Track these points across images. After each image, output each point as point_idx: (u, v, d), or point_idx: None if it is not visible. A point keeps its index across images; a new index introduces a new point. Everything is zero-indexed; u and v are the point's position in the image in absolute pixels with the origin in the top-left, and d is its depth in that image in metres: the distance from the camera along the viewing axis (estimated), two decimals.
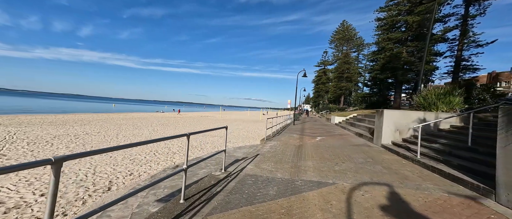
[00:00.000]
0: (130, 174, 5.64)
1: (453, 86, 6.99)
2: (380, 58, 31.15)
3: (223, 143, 11.03)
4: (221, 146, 10.23)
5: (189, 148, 8.65)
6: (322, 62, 63.88)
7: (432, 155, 4.65)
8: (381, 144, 6.89)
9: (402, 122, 6.67)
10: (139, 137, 11.77)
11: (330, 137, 9.81)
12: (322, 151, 6.37)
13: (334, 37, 51.81)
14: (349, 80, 50.14)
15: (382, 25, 31.80)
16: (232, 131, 16.88)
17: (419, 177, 3.90)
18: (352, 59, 50.95)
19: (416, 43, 28.02)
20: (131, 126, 16.44)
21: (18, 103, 46.26)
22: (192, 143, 10.44)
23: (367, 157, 5.54)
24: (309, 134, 10.96)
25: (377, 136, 7.35)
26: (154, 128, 16.05)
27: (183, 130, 16.07)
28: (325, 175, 3.98)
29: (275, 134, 10.50)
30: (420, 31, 28.58)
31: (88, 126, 15.31)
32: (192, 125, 20.02)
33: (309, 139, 9.05)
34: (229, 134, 14.95)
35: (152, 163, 6.75)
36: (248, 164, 4.76)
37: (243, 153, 6.78)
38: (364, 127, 11.08)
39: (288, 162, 4.96)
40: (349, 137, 9.87)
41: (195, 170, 4.80)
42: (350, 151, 6.34)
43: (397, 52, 29.35)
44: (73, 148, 8.29)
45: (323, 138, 9.31)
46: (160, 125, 18.32)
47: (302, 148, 6.77)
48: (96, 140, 9.96)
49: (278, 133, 10.79)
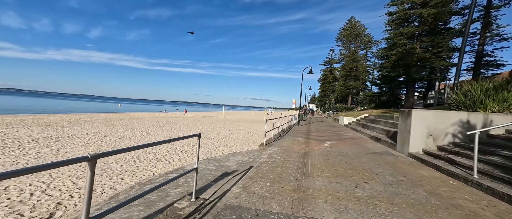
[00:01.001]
0: None
1: (507, 80, 5.48)
2: (392, 55, 29.23)
3: (222, 145, 9.82)
4: (214, 151, 9.01)
5: (174, 154, 7.41)
6: (329, 61, 61.94)
7: (497, 174, 3.25)
8: (409, 153, 5.48)
9: (437, 125, 5.23)
10: (127, 139, 10.70)
11: (341, 141, 8.41)
12: (334, 161, 5.02)
13: (342, 34, 49.88)
14: (357, 79, 48.11)
15: (394, 20, 29.85)
16: (232, 132, 15.65)
17: (496, 217, 2.52)
18: (360, 57, 48.90)
19: (431, 38, 26.01)
20: (125, 127, 15.47)
21: (26, 104, 46.73)
22: (184, 148, 9.26)
23: (396, 172, 4.17)
24: (316, 137, 9.59)
25: (402, 141, 5.94)
26: (148, 129, 15.02)
27: (179, 131, 14.97)
28: (344, 207, 2.66)
29: (277, 137, 9.19)
30: (435, 25, 26.57)
31: (79, 126, 14.43)
32: (191, 126, 18.93)
33: (316, 144, 7.69)
34: (228, 136, 13.73)
35: (126, 174, 5.58)
36: (235, 183, 3.49)
37: (236, 162, 5.52)
38: (380, 130, 9.61)
39: (290, 180, 3.66)
40: (364, 141, 8.43)
41: (166, 189, 3.57)
42: (371, 162, 4.97)
43: (410, 48, 27.41)
44: (44, 153, 7.25)
45: (332, 143, 7.93)
46: (157, 126, 17.30)
47: (308, 157, 5.44)
48: (76, 144, 8.93)
49: (280, 136, 9.48)
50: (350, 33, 47.10)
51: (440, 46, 25.53)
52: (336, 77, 59.46)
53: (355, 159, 5.34)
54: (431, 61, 25.57)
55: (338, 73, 57.72)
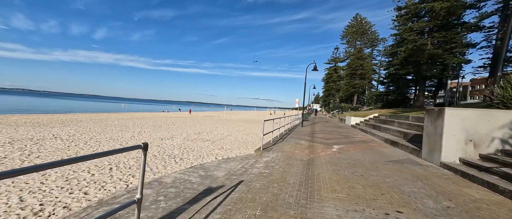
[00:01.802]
0: (39, 210, 3.52)
1: None
2: (401, 52, 27.74)
3: (217, 149, 8.83)
4: (207, 155, 8.02)
5: (160, 159, 6.22)
6: (333, 59, 60.43)
7: None
8: (441, 162, 4.37)
9: (480, 127, 4.11)
10: (114, 141, 9.82)
11: (351, 145, 7.31)
12: (347, 174, 3.96)
13: (347, 31, 48.38)
14: (362, 77, 46.56)
15: (403, 15, 28.36)
16: (231, 133, 14.67)
17: None
18: (366, 55, 47.32)
19: (443, 33, 24.49)
20: (118, 128, 14.66)
21: (31, 104, 46.87)
22: (173, 151, 8.31)
23: (435, 192, 3.08)
24: (322, 140, 8.50)
25: (429, 147, 4.83)
26: (142, 130, 14.16)
27: (174, 132, 14.07)
28: None
29: (277, 140, 8.14)
30: (448, 20, 25.06)
31: (71, 127, 13.67)
32: (188, 126, 18.03)
33: (323, 148, 6.61)
34: (225, 137, 12.76)
35: (93, 186, 4.64)
36: (213, 210, 2.48)
37: (227, 171, 4.52)
38: (394, 132, 8.46)
39: (289, 205, 2.63)
40: (378, 145, 7.31)
41: None
42: (395, 176, 3.89)
43: (420, 44, 25.93)
44: (10, 159, 6.39)
45: (342, 147, 6.84)
46: (152, 126, 16.46)
47: (314, 167, 4.40)
48: (55, 147, 8.07)
49: (281, 139, 8.43)
50: (355, 30, 45.58)
51: (454, 41, 24.01)
52: (341, 76, 57.94)
53: (373, 170, 4.27)
54: (443, 58, 24.06)
55: (343, 72, 56.18)
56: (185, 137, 12.00)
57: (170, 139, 11.14)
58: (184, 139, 11.42)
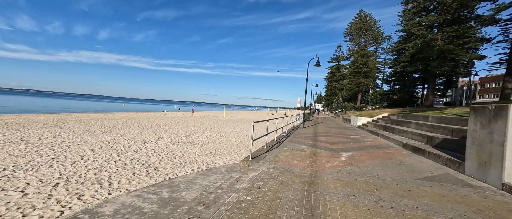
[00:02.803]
0: None
1: None
2: (408, 48, 26.15)
3: (204, 155, 7.52)
4: (189, 164, 6.72)
5: (129, 170, 4.26)
6: (336, 58, 58.86)
7: None
8: (505, 183, 3.01)
9: None
10: (87, 145, 8.58)
11: (364, 152, 5.95)
12: (369, 205, 2.63)
13: (351, 28, 46.76)
14: (366, 76, 44.91)
15: (411, 9, 26.76)
16: (225, 135, 13.39)
17: None
18: (370, 53, 45.67)
19: (455, 28, 22.89)
20: (103, 129, 13.47)
21: (28, 104, 46.27)
22: (151, 159, 7.05)
23: None
24: (327, 144, 7.15)
25: (481, 160, 3.46)
26: (128, 132, 12.92)
27: (162, 134, 12.83)
28: None
29: (274, 144, 6.82)
30: (460, 13, 23.46)
31: (50, 128, 12.51)
32: (181, 127, 16.79)
33: (328, 157, 5.27)
34: (218, 140, 11.48)
35: (9, 214, 3.37)
36: None
37: (201, 191, 3.23)
38: (414, 135, 7.08)
39: None
40: (397, 153, 5.95)
41: None
42: (445, 209, 2.55)
43: (430, 39, 24.35)
44: None
45: (352, 155, 5.49)
46: (142, 128, 15.25)
47: (318, 190, 3.07)
48: (10, 152, 6.86)
49: (278, 143, 7.10)
50: (360, 26, 43.95)
51: (467, 36, 22.40)
52: (344, 75, 56.31)
53: (405, 195, 2.92)
54: (455, 53, 22.45)
55: (346, 71, 54.53)
56: (172, 140, 10.74)
57: (154, 142, 9.89)
58: (170, 142, 10.16)
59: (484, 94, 45.39)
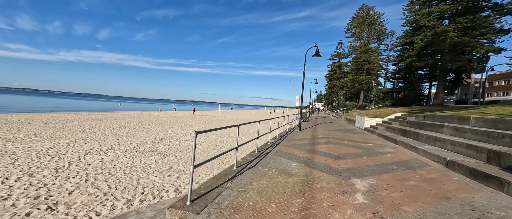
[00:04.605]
0: None
1: None
2: (417, 40, 23.79)
3: (154, 175, 5.23)
4: (118, 198, 4.49)
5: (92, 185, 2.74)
6: (337, 55, 56.56)
7: None
8: None
9: None
10: (23, 154, 6.36)
11: (393, 179, 3.68)
12: None
13: (352, 23, 44.35)
14: (369, 73, 42.52)
15: None
16: (206, 139, 11.13)
17: None
18: (373, 49, 43.27)
19: (470, 18, 20.52)
20: (58, 132, 11.21)
21: (24, 103, 44.33)
22: (115, 172, 4.81)
23: None
24: (329, 160, 4.86)
25: None
26: (87, 136, 10.68)
27: (128, 139, 10.58)
28: None
29: (251, 159, 4.54)
30: (474, 2, 21.10)
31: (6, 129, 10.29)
32: (162, 129, 14.54)
33: (332, 192, 2.99)
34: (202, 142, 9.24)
35: None
36: None
37: None
38: (456, 145, 4.81)
39: None
40: (446, 178, 3.68)
41: None
42: None
43: (442, 31, 22.02)
44: None
45: (372, 186, 3.22)
46: (110, 131, 13.00)
47: None
48: None
49: (259, 156, 4.83)
50: (362, 20, 41.51)
51: (484, 26, 20.05)
52: (345, 73, 53.92)
53: None
54: (471, 46, 20.11)
55: (348, 69, 52.13)
56: (132, 148, 8.49)
57: (104, 152, 7.64)
58: (126, 151, 7.90)
59: (492, 92, 43.05)
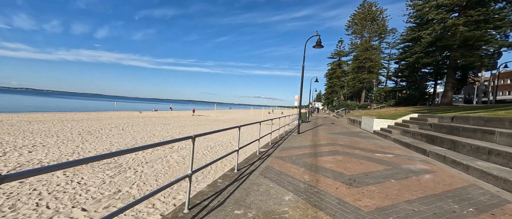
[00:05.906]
0: None
1: None
2: (425, 36, 22.28)
3: (112, 197, 3.73)
4: None
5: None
6: (337, 53, 55.03)
7: None
8: None
9: None
10: None
11: None
12: None
13: (353, 20, 42.78)
14: (371, 71, 41.02)
15: None
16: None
17: None
18: (375, 46, 41.74)
19: (483, 10, 19.02)
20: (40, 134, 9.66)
21: (19, 102, 42.83)
22: None
23: None
24: (342, 182, 3.33)
25: None
26: (44, 141, 9.14)
27: (92, 146, 9.04)
28: None
29: (232, 181, 3.01)
30: None
31: None
32: (144, 131, 13.00)
33: None
34: (175, 151, 7.70)
35: None
36: None
37: None
38: None
39: None
40: None
41: None
42: None
43: (451, 24, 20.51)
44: None
45: None
46: (85, 133, 11.46)
47: None
48: None
49: (240, 176, 3.31)
50: (364, 16, 39.94)
51: (499, 19, 18.55)
52: (346, 72, 52.41)
53: None
54: (484, 40, 18.60)
55: (348, 67, 50.63)
56: None
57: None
58: None
59: (498, 91, 41.61)
